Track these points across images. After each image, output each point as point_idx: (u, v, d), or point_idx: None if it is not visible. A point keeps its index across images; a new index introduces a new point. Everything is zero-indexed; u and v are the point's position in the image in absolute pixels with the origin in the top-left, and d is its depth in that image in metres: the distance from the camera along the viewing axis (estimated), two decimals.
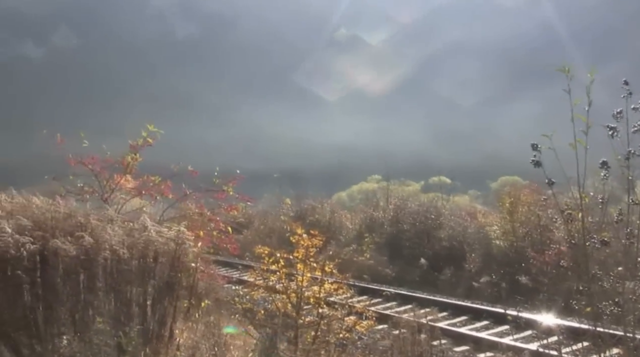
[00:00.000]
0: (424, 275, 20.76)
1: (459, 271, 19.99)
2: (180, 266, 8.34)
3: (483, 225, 22.54)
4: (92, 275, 8.02)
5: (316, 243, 10.08)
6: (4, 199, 9.28)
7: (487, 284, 18.31)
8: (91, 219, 8.43)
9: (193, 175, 11.00)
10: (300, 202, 29.32)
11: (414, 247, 22.72)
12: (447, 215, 24.29)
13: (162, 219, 10.51)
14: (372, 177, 62.23)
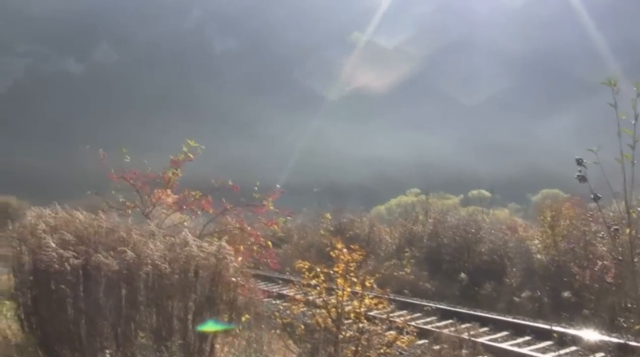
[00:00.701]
0: (464, 289, 20.53)
1: (500, 285, 19.72)
2: (221, 280, 8.35)
3: (524, 239, 22.23)
4: (134, 289, 8.08)
5: (356, 258, 10.06)
6: (48, 214, 9.41)
7: (529, 299, 18.06)
8: (133, 234, 8.50)
9: (234, 190, 11.02)
10: (339, 216, 29.25)
11: (454, 262, 22.51)
12: (487, 229, 24.00)
13: (202, 233, 10.55)
14: (410, 190, 61.90)
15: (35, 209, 9.89)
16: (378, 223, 30.33)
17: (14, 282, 9.53)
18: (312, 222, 30.73)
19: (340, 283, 10.19)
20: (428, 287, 20.77)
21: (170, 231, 9.94)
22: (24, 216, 30.33)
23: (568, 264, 18.53)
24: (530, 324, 14.41)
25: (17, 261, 9.20)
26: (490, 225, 25.26)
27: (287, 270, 17.24)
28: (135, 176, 11.22)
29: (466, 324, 14.24)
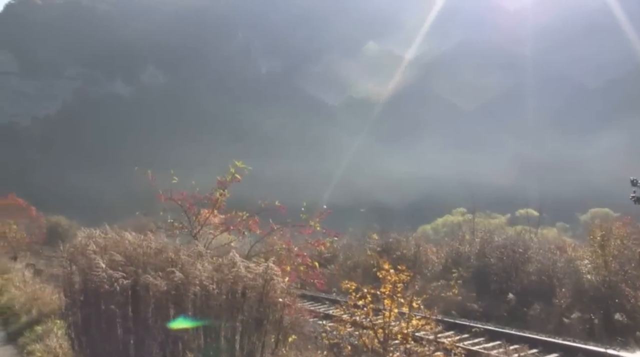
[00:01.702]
0: (512, 310, 20.20)
1: (549, 306, 19.36)
2: (268, 301, 8.34)
3: (573, 259, 21.81)
4: (182, 310, 8.10)
5: (403, 279, 9.99)
6: (98, 234, 9.51)
7: (579, 320, 17.70)
8: (181, 255, 8.55)
9: (280, 211, 11.03)
10: (385, 236, 29.12)
11: (501, 282, 22.18)
12: (535, 248, 23.64)
13: (249, 254, 10.58)
14: (456, 210, 61.40)
15: (85, 229, 10.01)
16: (424, 243, 30.07)
17: (65, 302, 9.63)
18: (357, 242, 30.60)
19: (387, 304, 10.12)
20: (475, 308, 20.50)
21: (217, 251, 9.98)
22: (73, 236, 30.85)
23: (619, 285, 18.13)
24: (582, 346, 14.11)
25: (68, 280, 9.31)
26: (538, 245, 24.89)
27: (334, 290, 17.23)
28: (183, 197, 11.32)
29: (515, 346, 14.03)
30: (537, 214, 47.55)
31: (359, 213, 39.46)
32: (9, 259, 28.44)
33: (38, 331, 12.24)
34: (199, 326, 8.07)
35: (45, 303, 14.48)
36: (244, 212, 11.18)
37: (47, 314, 13.52)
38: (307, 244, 10.91)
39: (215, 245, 11.09)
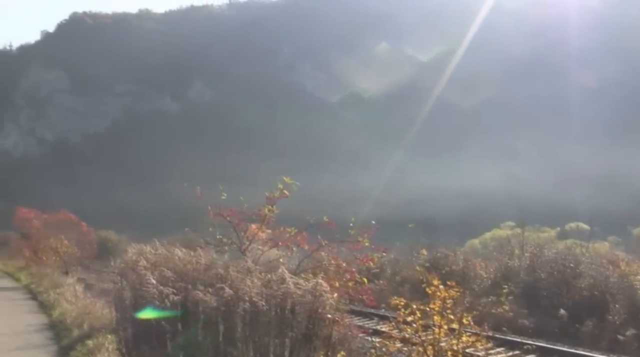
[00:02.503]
0: (563, 326, 19.82)
1: (602, 322, 18.96)
2: (317, 317, 8.31)
3: (626, 274, 21.35)
4: (231, 326, 8.12)
5: (453, 295, 9.91)
6: (148, 251, 9.61)
7: (634, 337, 17.31)
8: (230, 271, 8.58)
9: (329, 226, 11.01)
10: (432, 250, 28.90)
11: (552, 297, 21.78)
12: (586, 263, 23.20)
13: (298, 270, 10.57)
14: (504, 223, 60.75)
15: (135, 245, 10.13)
16: (472, 257, 29.75)
17: (116, 317, 9.74)
18: (405, 256, 30.41)
19: (436, 320, 10.05)
20: (526, 324, 20.18)
21: (266, 267, 10.00)
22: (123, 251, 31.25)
23: None
24: None
25: (119, 296, 9.42)
26: (590, 259, 24.40)
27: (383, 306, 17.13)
28: (232, 213, 11.37)
29: None
30: (587, 228, 46.82)
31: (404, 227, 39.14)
32: (60, 274, 28.88)
33: (89, 345, 12.37)
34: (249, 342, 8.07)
35: (96, 317, 14.65)
36: (292, 228, 11.18)
37: (98, 328, 13.67)
38: (355, 259, 10.87)
39: (263, 261, 11.12)
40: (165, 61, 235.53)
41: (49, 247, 36.64)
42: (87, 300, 17.69)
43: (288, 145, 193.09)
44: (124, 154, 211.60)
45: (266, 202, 11.39)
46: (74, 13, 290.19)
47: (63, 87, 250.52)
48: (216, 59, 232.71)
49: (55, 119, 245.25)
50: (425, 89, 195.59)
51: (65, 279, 25.36)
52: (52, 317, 17.59)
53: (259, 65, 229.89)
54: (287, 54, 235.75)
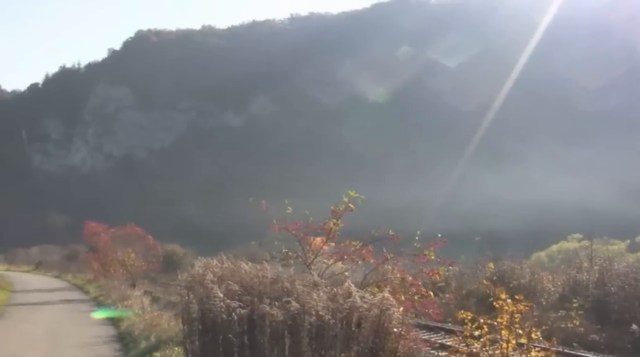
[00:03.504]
0: (636, 342, 19.25)
1: None
2: (383, 331, 8.26)
3: None
4: (297, 340, 8.12)
5: (521, 309, 9.74)
6: (215, 264, 9.67)
7: None
8: (296, 284, 8.59)
9: (394, 240, 10.92)
10: (498, 263, 28.45)
11: (623, 312, 21.18)
12: None
13: (364, 283, 10.52)
14: (572, 236, 59.51)
15: (202, 259, 10.22)
16: (539, 270, 29.17)
17: (183, 330, 9.83)
18: (470, 269, 30.01)
19: (504, 334, 9.89)
20: (596, 339, 19.66)
21: (331, 281, 9.99)
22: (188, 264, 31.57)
23: None
24: None
25: (186, 309, 9.49)
26: None
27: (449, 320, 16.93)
28: (297, 227, 11.38)
29: None
30: None
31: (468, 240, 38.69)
32: (128, 286, 29.36)
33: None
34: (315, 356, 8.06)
35: (163, 330, 14.83)
36: (357, 242, 11.14)
37: (165, 340, 13.83)
38: (421, 272, 10.76)
39: (328, 274, 11.10)
40: (228, 76, 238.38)
41: (116, 260, 37.33)
42: (154, 312, 17.92)
43: (350, 157, 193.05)
44: (188, 168, 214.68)
45: (331, 216, 11.36)
46: (139, 31, 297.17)
47: (129, 103, 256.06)
48: (278, 72, 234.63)
49: (121, 134, 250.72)
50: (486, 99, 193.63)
51: (132, 292, 25.76)
52: (120, 329, 17.90)
53: (321, 78, 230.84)
54: (349, 66, 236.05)
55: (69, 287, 39.45)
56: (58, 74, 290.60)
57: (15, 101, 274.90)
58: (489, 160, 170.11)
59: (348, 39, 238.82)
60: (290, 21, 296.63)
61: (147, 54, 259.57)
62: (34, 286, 39.52)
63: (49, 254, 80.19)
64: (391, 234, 10.94)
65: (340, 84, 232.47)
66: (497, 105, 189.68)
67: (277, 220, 11.41)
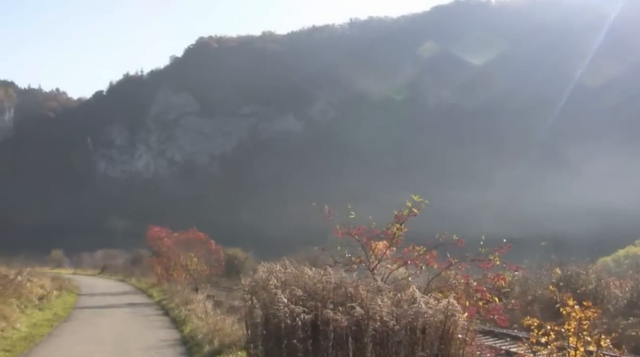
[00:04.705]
0: None
1: None
2: (448, 337, 8.15)
3: None
4: (361, 346, 8.08)
5: (589, 315, 9.54)
6: (278, 269, 9.69)
7: None
8: (360, 290, 8.54)
9: (459, 245, 10.77)
10: (562, 268, 27.90)
11: None
12: None
13: (427, 289, 10.41)
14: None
15: (265, 263, 10.24)
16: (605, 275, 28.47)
17: (247, 335, 9.87)
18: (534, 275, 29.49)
19: (572, 342, 9.70)
20: None
21: (394, 286, 9.91)
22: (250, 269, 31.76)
23: None
24: None
25: (250, 314, 9.53)
26: None
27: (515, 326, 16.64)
28: (360, 232, 11.34)
29: None
30: None
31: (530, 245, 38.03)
32: (191, 291, 29.67)
33: None
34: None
35: (226, 334, 14.91)
36: (421, 247, 11.03)
37: (228, 345, 13.92)
38: (486, 278, 10.58)
39: (391, 279, 11.02)
40: (288, 81, 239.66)
41: (179, 265, 37.78)
42: (217, 317, 18.04)
43: (411, 162, 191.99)
44: (250, 173, 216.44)
45: (395, 221, 11.28)
46: (200, 38, 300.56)
47: (190, 109, 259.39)
48: (338, 77, 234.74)
49: (183, 140, 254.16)
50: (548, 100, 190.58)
51: (195, 296, 26.03)
52: (184, 332, 18.11)
53: (381, 83, 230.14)
54: (410, 70, 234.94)
55: (133, 291, 40.10)
56: (122, 81, 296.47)
57: (81, 109, 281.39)
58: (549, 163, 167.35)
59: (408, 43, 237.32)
60: (350, 26, 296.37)
61: (208, 60, 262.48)
62: (99, 290, 40.31)
63: (113, 258, 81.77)
64: (456, 239, 10.80)
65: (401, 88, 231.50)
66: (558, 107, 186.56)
67: (340, 225, 11.39)
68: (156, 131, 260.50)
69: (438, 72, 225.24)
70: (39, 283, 29.34)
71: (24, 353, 14.75)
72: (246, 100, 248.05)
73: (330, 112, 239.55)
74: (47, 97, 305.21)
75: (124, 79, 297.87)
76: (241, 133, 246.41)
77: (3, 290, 22.54)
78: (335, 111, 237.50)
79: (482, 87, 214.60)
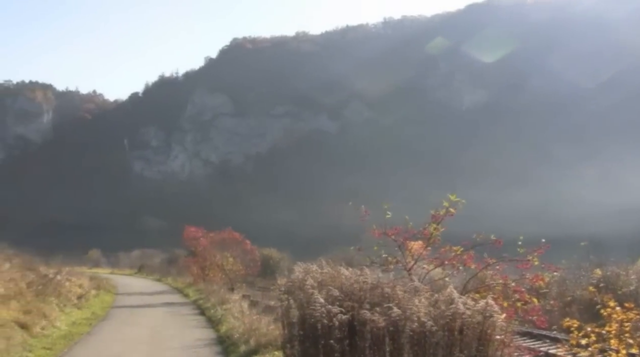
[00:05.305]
0: None
1: None
2: (486, 339, 8.06)
3: None
4: (398, 346, 8.04)
5: (632, 317, 9.39)
6: (315, 269, 9.68)
7: None
8: (397, 290, 8.50)
9: (497, 245, 10.65)
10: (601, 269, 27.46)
11: None
12: None
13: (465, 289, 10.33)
14: None
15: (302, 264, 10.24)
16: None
17: (283, 334, 9.88)
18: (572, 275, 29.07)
19: (613, 344, 9.55)
20: None
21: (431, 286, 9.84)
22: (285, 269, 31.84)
23: None
24: None
25: (286, 314, 9.54)
26: None
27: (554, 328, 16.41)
28: (397, 232, 11.28)
29: None
30: None
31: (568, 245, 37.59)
32: (226, 290, 29.75)
33: None
34: None
35: (262, 334, 14.92)
36: (458, 247, 10.93)
37: (264, 344, 13.94)
38: (524, 279, 10.45)
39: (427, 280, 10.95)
40: (322, 81, 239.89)
41: (215, 265, 37.97)
42: (253, 316, 18.06)
43: (445, 162, 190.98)
44: (284, 173, 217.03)
45: (431, 220, 11.21)
46: (234, 39, 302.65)
47: (225, 110, 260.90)
48: (372, 77, 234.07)
49: (218, 141, 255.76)
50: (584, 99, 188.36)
51: (231, 296, 26.08)
52: (220, 332, 18.18)
53: (415, 82, 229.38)
54: (444, 69, 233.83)
55: (169, 291, 40.35)
56: (157, 83, 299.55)
57: (118, 110, 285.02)
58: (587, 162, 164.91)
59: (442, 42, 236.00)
60: (384, 25, 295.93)
61: (243, 61, 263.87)
62: (136, 289, 40.66)
63: (149, 258, 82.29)
64: (493, 239, 10.68)
65: (435, 88, 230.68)
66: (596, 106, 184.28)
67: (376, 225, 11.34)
68: (191, 132, 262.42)
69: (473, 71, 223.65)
70: (77, 282, 29.65)
71: (63, 351, 14.93)
72: (280, 100, 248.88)
73: (364, 112, 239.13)
74: (84, 99, 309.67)
75: (160, 80, 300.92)
76: (275, 133, 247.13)
77: (43, 289, 22.81)
78: (369, 111, 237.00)
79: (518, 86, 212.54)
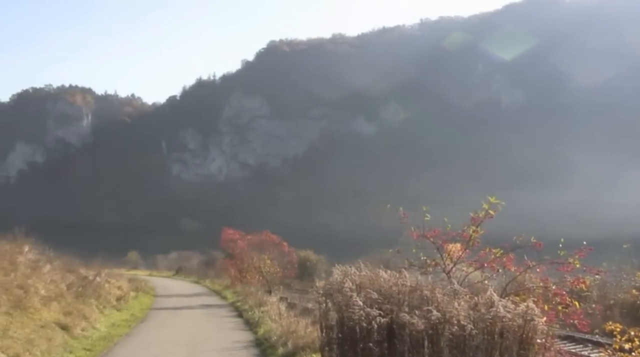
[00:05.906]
0: None
1: None
2: (528, 342, 7.96)
3: None
4: (438, 349, 7.98)
5: None
6: (353, 272, 9.65)
7: None
8: (437, 293, 8.44)
9: (537, 248, 10.51)
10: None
11: None
12: None
13: (505, 292, 10.20)
14: None
15: (340, 266, 10.20)
16: None
17: (321, 337, 9.84)
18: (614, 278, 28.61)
19: None
20: None
21: (470, 289, 9.75)
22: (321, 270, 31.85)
23: None
24: None
25: (324, 316, 9.51)
26: None
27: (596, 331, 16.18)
28: (435, 234, 11.20)
29: None
30: None
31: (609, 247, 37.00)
32: (264, 293, 29.82)
33: None
34: None
35: (300, 336, 14.91)
36: (498, 250, 10.81)
37: (302, 347, 13.92)
38: (565, 282, 10.29)
39: (467, 283, 10.85)
40: (359, 83, 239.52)
41: (252, 267, 38.10)
42: (291, 319, 18.06)
43: (484, 163, 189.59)
44: (321, 175, 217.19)
45: (470, 223, 11.09)
46: (271, 41, 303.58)
47: (262, 113, 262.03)
48: (409, 78, 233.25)
49: (255, 143, 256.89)
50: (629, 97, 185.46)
51: (268, 298, 26.12)
52: (258, 334, 18.21)
53: (453, 83, 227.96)
54: (482, 70, 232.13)
55: (207, 293, 40.56)
56: (194, 86, 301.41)
57: (156, 113, 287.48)
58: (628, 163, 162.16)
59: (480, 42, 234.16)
60: (420, 26, 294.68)
61: (279, 63, 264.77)
62: (174, 291, 40.95)
63: (186, 260, 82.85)
64: (534, 242, 10.53)
65: (474, 88, 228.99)
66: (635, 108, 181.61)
67: (415, 227, 11.27)
68: (229, 135, 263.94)
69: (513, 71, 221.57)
70: (116, 284, 29.99)
71: (103, 352, 15.09)
72: (317, 102, 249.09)
73: (401, 114, 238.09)
74: (123, 102, 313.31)
75: (197, 83, 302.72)
76: (312, 135, 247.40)
77: (83, 291, 23.09)
78: (406, 112, 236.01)
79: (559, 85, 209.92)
